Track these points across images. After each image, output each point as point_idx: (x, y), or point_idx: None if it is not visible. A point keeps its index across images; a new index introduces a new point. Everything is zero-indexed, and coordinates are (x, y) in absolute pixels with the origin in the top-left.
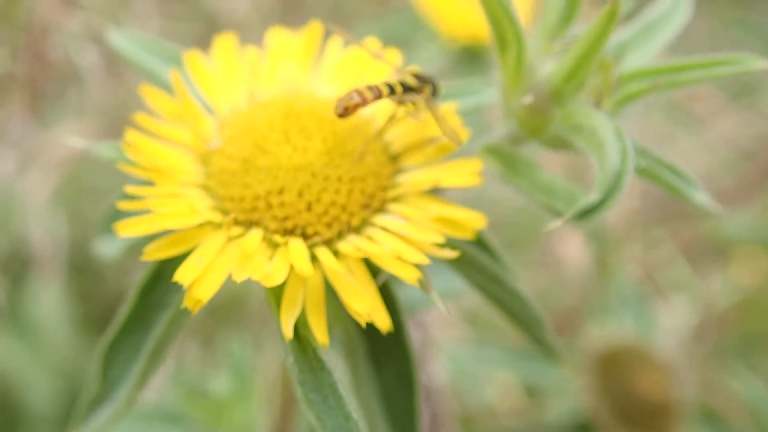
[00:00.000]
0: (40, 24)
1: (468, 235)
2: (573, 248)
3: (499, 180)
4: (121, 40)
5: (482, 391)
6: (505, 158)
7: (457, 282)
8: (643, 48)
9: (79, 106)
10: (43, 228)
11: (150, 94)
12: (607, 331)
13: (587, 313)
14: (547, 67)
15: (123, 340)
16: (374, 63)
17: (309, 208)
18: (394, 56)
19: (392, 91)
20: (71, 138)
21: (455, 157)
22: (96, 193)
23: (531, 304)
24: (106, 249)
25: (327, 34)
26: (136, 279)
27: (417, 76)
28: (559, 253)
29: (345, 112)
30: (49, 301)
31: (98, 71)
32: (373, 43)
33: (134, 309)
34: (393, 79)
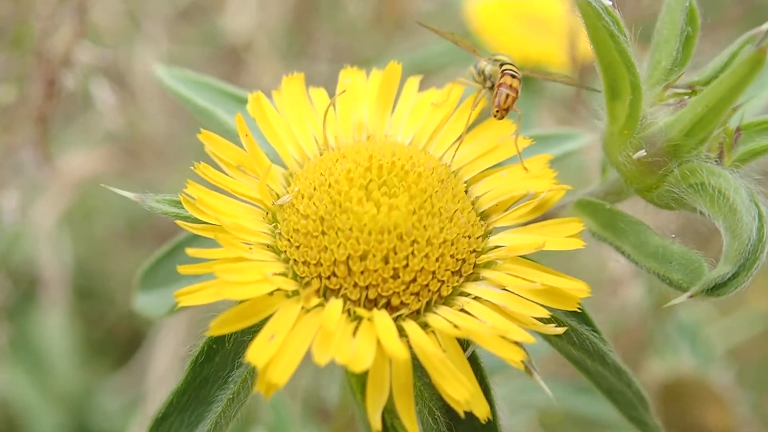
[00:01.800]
0: (52, 52)
1: (571, 306)
2: (629, 283)
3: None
4: (169, 78)
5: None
6: (603, 216)
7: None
8: (759, 94)
9: (91, 131)
10: (50, 253)
11: (211, 140)
12: (666, 364)
13: (647, 344)
14: (662, 118)
15: (171, 419)
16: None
17: (395, 275)
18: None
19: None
20: (122, 192)
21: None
22: (104, 216)
23: (634, 382)
24: (151, 307)
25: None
26: (191, 348)
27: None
28: (616, 288)
29: (507, 112)
30: (54, 328)
31: (110, 98)
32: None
33: (187, 383)
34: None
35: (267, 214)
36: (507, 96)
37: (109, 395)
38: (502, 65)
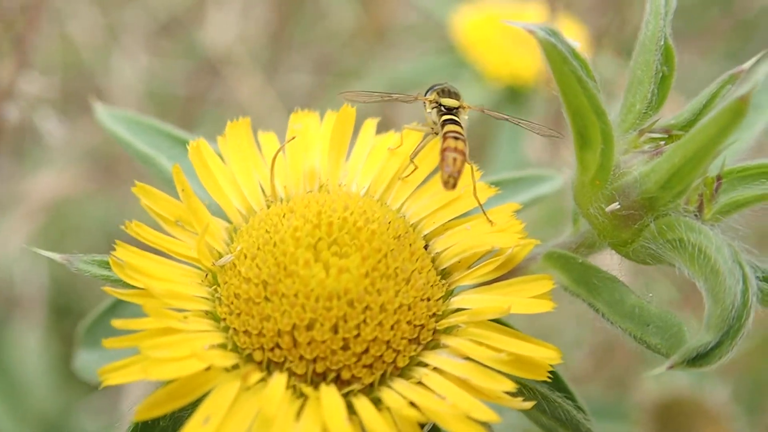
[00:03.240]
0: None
1: (541, 376)
2: None
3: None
4: (109, 120)
5: None
6: (575, 270)
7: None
8: (741, 136)
9: (61, 150)
10: (25, 272)
11: (146, 193)
12: (660, 382)
13: (639, 360)
14: (637, 167)
15: None
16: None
17: (345, 346)
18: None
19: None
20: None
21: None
22: (78, 232)
23: None
24: (93, 369)
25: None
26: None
27: (453, 93)
28: None
29: (457, 180)
30: (30, 348)
31: (57, 130)
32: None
33: None
34: (452, 103)
35: (207, 275)
36: (454, 160)
37: (87, 417)
38: (442, 115)
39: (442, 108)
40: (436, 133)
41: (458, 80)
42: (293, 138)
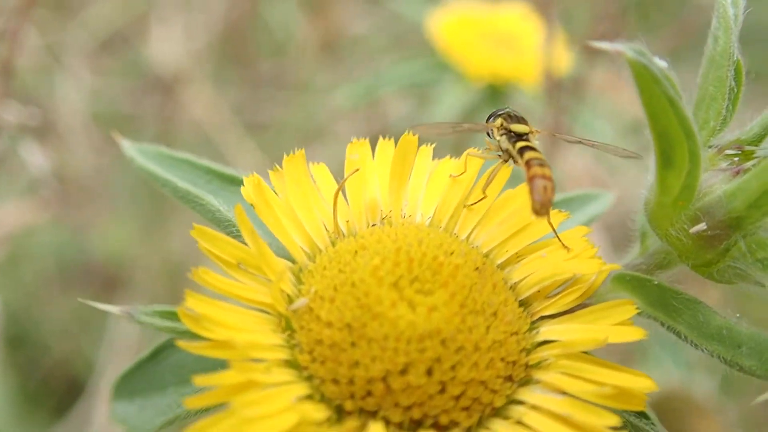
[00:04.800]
0: None
1: (638, 407)
2: None
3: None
4: (140, 156)
5: None
6: (651, 293)
7: None
8: None
9: (15, 181)
10: None
11: (206, 236)
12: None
13: (631, 357)
14: (719, 185)
15: None
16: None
17: (443, 390)
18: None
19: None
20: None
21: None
22: (35, 261)
23: None
24: (136, 420)
25: None
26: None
27: (520, 118)
28: None
29: (549, 209)
30: None
31: (41, 162)
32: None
33: None
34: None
35: (280, 321)
36: (545, 188)
37: None
38: (516, 142)
39: (512, 134)
40: (505, 160)
41: (440, 82)
42: (357, 170)
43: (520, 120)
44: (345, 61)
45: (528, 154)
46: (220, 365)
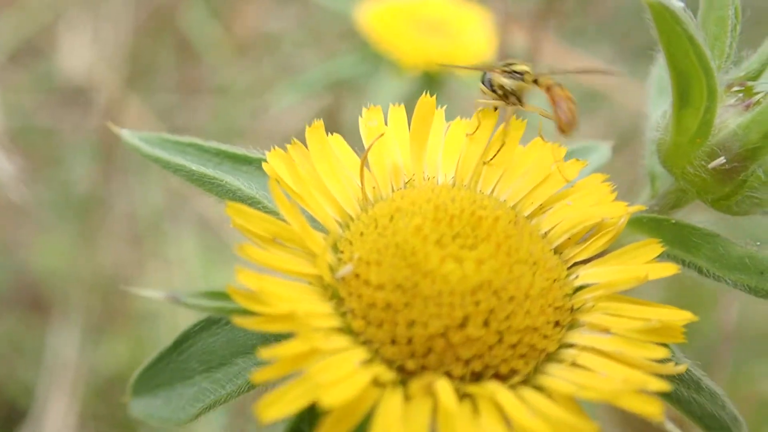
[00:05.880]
0: None
1: (677, 339)
2: None
3: None
4: (144, 144)
5: None
6: (669, 232)
7: None
8: None
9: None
10: None
11: (240, 213)
12: None
13: None
14: (731, 120)
15: None
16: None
17: (500, 339)
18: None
19: None
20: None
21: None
22: None
23: (728, 404)
24: (163, 413)
25: None
26: None
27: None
28: None
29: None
30: None
31: (7, 167)
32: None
33: None
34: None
35: (325, 290)
36: (570, 109)
37: None
38: (526, 75)
39: (516, 73)
40: (513, 104)
41: (375, 74)
42: (381, 135)
43: (516, 64)
44: (264, 59)
45: (544, 80)
46: (256, 345)
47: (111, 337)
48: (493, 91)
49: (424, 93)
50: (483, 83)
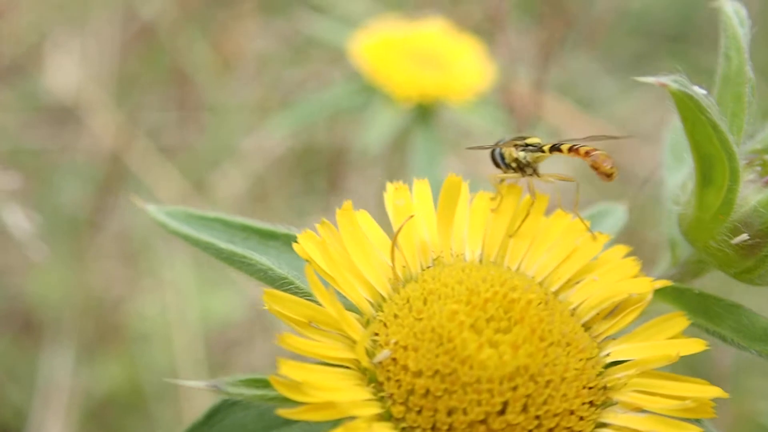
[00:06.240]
0: None
1: (708, 414)
2: None
3: None
4: (170, 220)
5: None
6: (692, 302)
7: None
8: None
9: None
10: None
11: (276, 299)
12: None
13: None
14: (751, 196)
15: None
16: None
17: (539, 424)
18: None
19: None
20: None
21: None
22: None
23: None
24: None
25: None
26: None
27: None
28: None
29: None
30: None
31: (25, 225)
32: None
33: None
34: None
35: (363, 374)
36: (605, 155)
37: None
38: (540, 149)
39: (530, 146)
40: (530, 175)
41: (369, 105)
42: (411, 216)
43: (526, 138)
44: (253, 78)
45: (565, 145)
46: (284, 423)
47: (104, 359)
48: (507, 165)
49: (417, 125)
50: (494, 158)
